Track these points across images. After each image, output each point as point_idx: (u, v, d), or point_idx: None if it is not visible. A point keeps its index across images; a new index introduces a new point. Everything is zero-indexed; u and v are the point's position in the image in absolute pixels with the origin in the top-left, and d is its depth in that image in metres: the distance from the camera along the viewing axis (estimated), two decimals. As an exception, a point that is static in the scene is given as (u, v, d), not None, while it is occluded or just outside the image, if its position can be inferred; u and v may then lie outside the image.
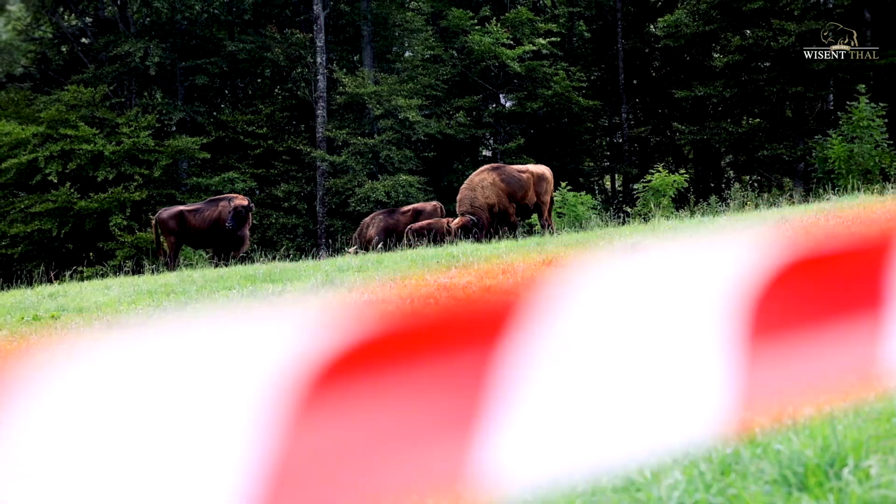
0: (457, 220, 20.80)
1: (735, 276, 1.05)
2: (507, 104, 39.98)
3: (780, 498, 3.36)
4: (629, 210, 28.50)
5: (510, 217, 21.02)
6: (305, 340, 0.94)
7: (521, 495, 0.98)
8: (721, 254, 1.06)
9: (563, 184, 29.72)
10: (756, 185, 33.94)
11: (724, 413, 1.02)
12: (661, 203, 27.25)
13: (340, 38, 39.18)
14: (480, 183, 21.04)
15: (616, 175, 43.10)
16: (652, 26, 42.34)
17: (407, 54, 40.14)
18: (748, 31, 36.21)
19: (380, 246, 21.60)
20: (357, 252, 20.68)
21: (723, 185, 40.17)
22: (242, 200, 21.39)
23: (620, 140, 42.01)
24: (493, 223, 20.96)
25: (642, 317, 1.02)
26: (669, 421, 1.00)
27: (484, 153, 41.45)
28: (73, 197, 33.94)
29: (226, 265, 19.59)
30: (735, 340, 1.03)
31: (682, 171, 31.22)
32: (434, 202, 23.73)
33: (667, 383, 1.01)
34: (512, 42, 37.98)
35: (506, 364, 0.97)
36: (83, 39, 38.18)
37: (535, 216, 22.73)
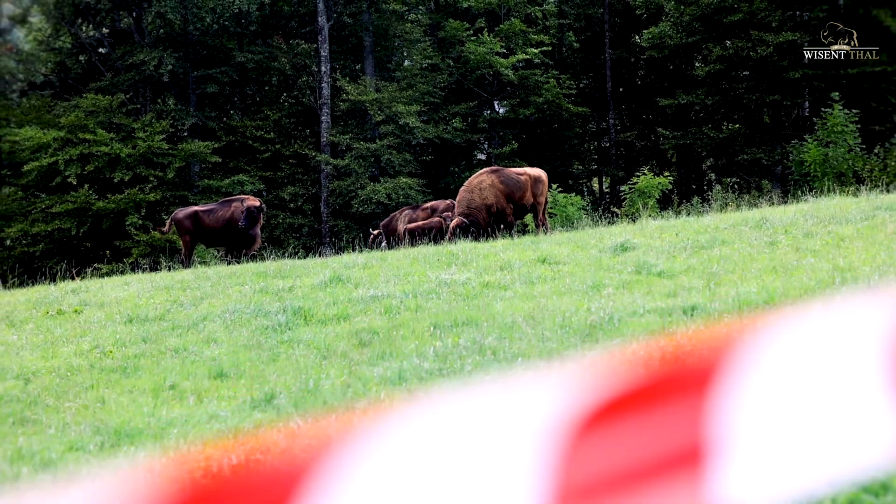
0: (454, 220, 20.82)
1: None
2: (501, 110, 39.99)
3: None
4: (617, 211, 28.51)
5: (507, 217, 21.01)
6: (575, 398, 1.07)
7: None
8: None
9: (554, 186, 29.74)
10: (736, 187, 33.95)
11: None
12: (647, 204, 27.29)
13: (344, 49, 39.17)
14: (479, 185, 21.01)
15: (603, 177, 43.13)
16: (638, 37, 42.35)
17: (406, 63, 40.14)
18: (728, 42, 36.22)
19: (384, 245, 21.68)
20: (385, 247, 20.91)
21: (704, 187, 40.20)
22: (254, 201, 21.33)
23: (608, 144, 42.04)
24: (491, 223, 20.96)
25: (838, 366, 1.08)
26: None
27: (479, 157, 41.44)
28: (91, 198, 33.94)
29: (238, 262, 19.58)
30: None
31: (666, 173, 31.22)
32: (449, 200, 23.74)
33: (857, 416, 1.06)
34: (505, 52, 38.01)
35: (729, 405, 1.05)
36: (100, 49, 38.14)
37: (529, 216, 22.74)
